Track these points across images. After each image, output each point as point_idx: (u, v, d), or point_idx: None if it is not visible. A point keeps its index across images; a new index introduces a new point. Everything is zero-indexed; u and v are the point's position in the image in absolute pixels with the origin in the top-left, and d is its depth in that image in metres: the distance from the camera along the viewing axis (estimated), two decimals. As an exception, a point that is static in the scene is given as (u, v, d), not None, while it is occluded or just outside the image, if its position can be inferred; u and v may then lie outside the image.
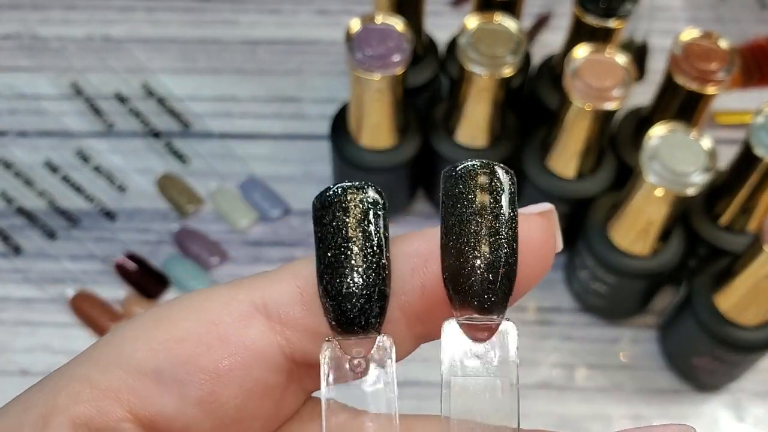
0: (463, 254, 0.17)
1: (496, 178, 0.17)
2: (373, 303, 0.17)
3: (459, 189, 0.17)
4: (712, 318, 0.41)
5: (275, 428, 0.19)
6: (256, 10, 0.62)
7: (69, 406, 0.17)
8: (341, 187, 0.17)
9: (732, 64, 0.42)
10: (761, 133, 0.40)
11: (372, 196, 0.17)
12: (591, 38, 0.44)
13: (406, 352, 0.19)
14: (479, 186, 0.17)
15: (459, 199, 0.17)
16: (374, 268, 0.17)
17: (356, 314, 0.17)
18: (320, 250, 0.17)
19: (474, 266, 0.17)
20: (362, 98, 0.44)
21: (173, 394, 0.17)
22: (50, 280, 0.50)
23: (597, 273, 0.45)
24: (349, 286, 0.17)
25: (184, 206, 0.52)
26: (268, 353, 0.18)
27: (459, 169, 0.17)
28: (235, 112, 0.57)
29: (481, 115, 0.45)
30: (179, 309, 0.18)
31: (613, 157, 0.47)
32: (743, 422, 0.46)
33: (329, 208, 0.17)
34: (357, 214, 0.17)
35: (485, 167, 0.17)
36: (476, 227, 0.17)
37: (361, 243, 0.17)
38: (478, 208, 0.17)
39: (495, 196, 0.17)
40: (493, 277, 0.17)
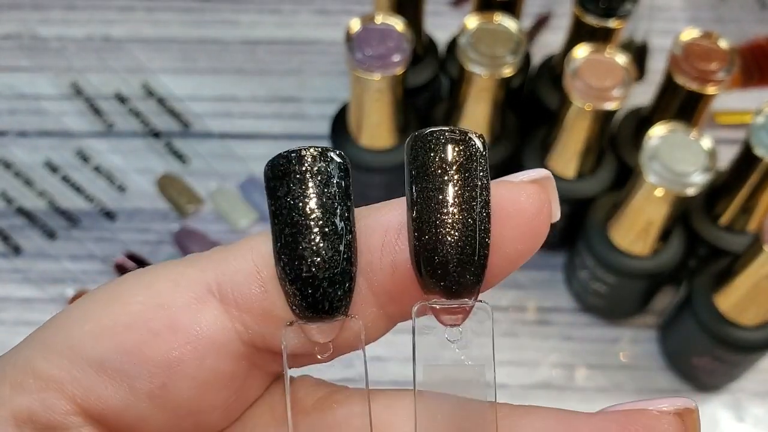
0: (431, 232, 0.15)
1: (468, 144, 0.15)
2: (338, 284, 0.15)
3: (425, 157, 0.15)
4: (712, 318, 0.41)
5: (239, 414, 0.18)
6: (256, 10, 0.62)
7: (11, 398, 0.16)
8: (297, 154, 0.15)
9: (732, 64, 0.42)
10: (761, 133, 0.40)
11: (333, 162, 0.15)
12: (591, 38, 0.44)
13: (380, 333, 0.17)
14: (448, 154, 0.15)
15: (425, 169, 0.15)
16: (337, 246, 0.15)
17: (320, 298, 0.15)
18: (275, 226, 0.15)
19: (443, 245, 0.15)
20: (362, 98, 0.44)
21: (121, 387, 0.16)
22: (50, 280, 0.50)
23: (597, 273, 0.45)
24: (310, 267, 0.15)
25: (184, 206, 0.52)
26: (223, 341, 0.16)
27: (426, 134, 0.15)
28: (235, 112, 0.57)
29: (481, 115, 0.45)
30: (129, 288, 0.16)
31: (613, 157, 0.47)
32: (743, 422, 0.46)
33: (283, 179, 0.15)
34: (316, 183, 0.15)
35: (454, 133, 0.15)
36: (444, 201, 0.15)
37: (321, 218, 0.15)
38: (447, 180, 0.15)
39: (466, 165, 0.15)
40: (463, 257, 0.15)
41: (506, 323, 0.49)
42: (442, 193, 0.15)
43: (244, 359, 0.16)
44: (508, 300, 0.50)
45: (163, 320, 0.16)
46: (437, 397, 0.16)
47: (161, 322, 0.16)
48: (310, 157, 0.15)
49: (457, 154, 0.15)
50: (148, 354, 0.16)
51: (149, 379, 0.16)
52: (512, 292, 0.50)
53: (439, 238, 0.15)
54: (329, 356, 0.16)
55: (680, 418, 0.16)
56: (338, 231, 0.15)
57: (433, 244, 0.15)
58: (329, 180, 0.15)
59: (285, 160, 0.15)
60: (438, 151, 0.15)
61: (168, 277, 0.16)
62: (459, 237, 0.15)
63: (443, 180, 0.15)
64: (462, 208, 0.15)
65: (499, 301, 0.50)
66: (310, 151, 0.15)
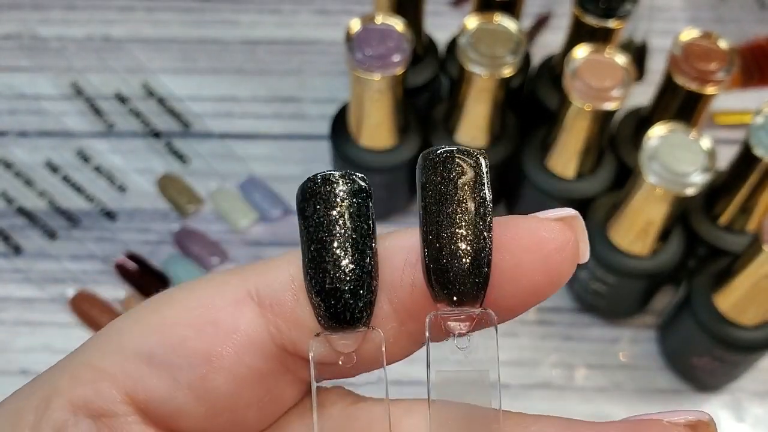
0: (434, 246, 0.16)
1: (474, 164, 0.17)
2: (359, 297, 0.16)
3: (434, 177, 0.17)
4: (712, 318, 0.42)
5: (274, 418, 0.19)
6: (256, 10, 0.62)
7: (70, 388, 0.17)
8: (323, 177, 0.16)
9: (731, 65, 0.42)
10: (761, 133, 0.40)
11: (357, 185, 0.17)
12: (591, 38, 0.44)
13: (403, 351, 0.18)
14: (456, 173, 0.17)
15: (434, 187, 0.16)
16: (359, 261, 0.16)
17: (341, 309, 0.16)
18: (304, 244, 0.17)
19: (445, 257, 0.16)
20: (362, 98, 0.44)
21: (165, 377, 0.17)
22: (50, 280, 0.50)
23: (597, 273, 0.45)
24: (333, 281, 0.16)
25: (184, 206, 0.52)
26: (258, 340, 0.17)
27: (434, 153, 0.17)
28: (235, 112, 0.57)
29: (481, 115, 0.45)
30: (175, 295, 0.18)
31: (612, 157, 0.47)
32: (743, 422, 0.46)
33: (311, 200, 0.16)
34: (340, 205, 0.16)
35: (462, 153, 0.17)
36: (445, 216, 0.16)
37: (344, 235, 0.16)
38: (453, 197, 0.16)
39: (471, 183, 0.17)
40: (468, 268, 0.16)
41: (506, 323, 0.49)
42: (443, 208, 0.16)
43: (277, 360, 0.18)
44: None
45: (205, 318, 0.17)
46: (449, 404, 0.17)
47: (204, 320, 0.17)
48: (335, 179, 0.16)
49: (459, 173, 0.17)
50: (190, 347, 0.17)
51: (191, 369, 0.17)
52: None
53: (441, 250, 0.16)
54: (353, 367, 0.18)
55: (693, 430, 0.17)
56: (359, 247, 0.16)
57: (436, 256, 0.16)
58: (352, 201, 0.16)
59: (312, 183, 0.16)
60: (439, 169, 0.17)
61: (212, 283, 0.18)
62: (459, 248, 0.16)
63: (446, 197, 0.16)
64: (464, 222, 0.16)
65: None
66: (336, 175, 0.16)
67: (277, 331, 0.17)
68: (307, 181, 0.17)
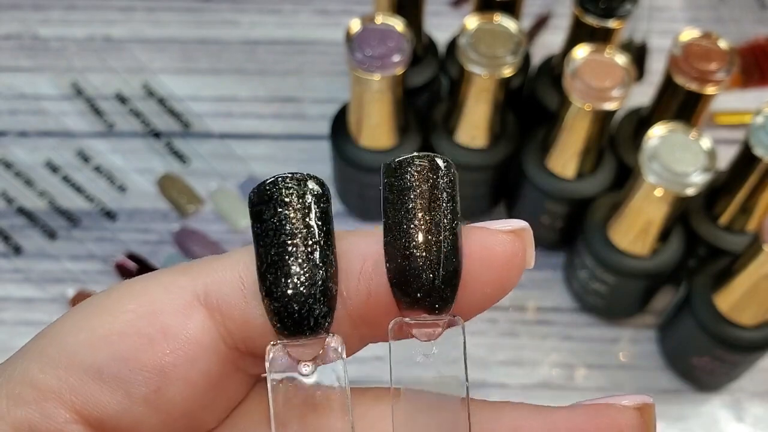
0: (404, 255, 0.16)
1: (436, 170, 0.16)
2: (322, 303, 0.16)
3: (397, 184, 0.16)
4: (712, 318, 0.42)
5: (225, 414, 0.18)
6: (256, 10, 0.62)
7: (10, 410, 0.16)
8: (280, 178, 0.16)
9: (731, 65, 0.42)
10: (761, 133, 0.40)
11: (314, 187, 0.16)
12: (591, 38, 0.44)
13: (352, 352, 0.18)
14: (418, 180, 0.16)
15: (398, 195, 0.16)
16: (320, 266, 0.16)
17: (304, 315, 0.16)
18: (261, 248, 0.16)
19: (416, 267, 0.16)
20: (362, 98, 0.44)
21: (117, 394, 0.16)
22: (51, 280, 0.50)
23: (596, 273, 0.45)
24: (296, 286, 0.15)
25: (184, 206, 0.52)
26: (210, 345, 0.17)
27: (397, 161, 0.16)
28: (236, 112, 0.57)
29: (480, 116, 0.45)
30: (120, 297, 0.17)
31: (612, 157, 0.47)
32: (743, 422, 0.46)
33: (269, 203, 0.16)
34: (299, 207, 0.16)
35: (424, 159, 0.16)
36: (416, 225, 0.16)
37: (305, 239, 0.16)
38: (418, 204, 0.16)
39: (434, 190, 0.16)
40: (434, 275, 0.16)
41: (506, 323, 0.49)
42: (409, 217, 0.16)
43: (228, 362, 0.17)
44: (508, 300, 0.50)
45: (155, 326, 0.16)
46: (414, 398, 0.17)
47: (153, 329, 0.16)
48: (292, 182, 0.16)
49: (423, 179, 0.16)
50: (143, 360, 0.16)
51: (145, 384, 0.16)
52: (512, 292, 0.50)
53: (409, 261, 0.16)
54: (310, 373, 0.17)
55: (639, 412, 0.17)
56: (321, 252, 0.16)
57: (403, 267, 0.16)
58: (311, 204, 0.16)
59: (270, 185, 0.16)
60: (405, 178, 0.16)
61: (158, 284, 0.17)
62: (426, 258, 0.16)
63: (410, 205, 0.16)
64: (429, 231, 0.16)
65: (498, 301, 0.50)
66: (294, 177, 0.16)
67: (228, 332, 0.17)
68: (263, 183, 0.16)
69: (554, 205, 0.47)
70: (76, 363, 0.16)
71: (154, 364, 0.16)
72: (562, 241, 0.50)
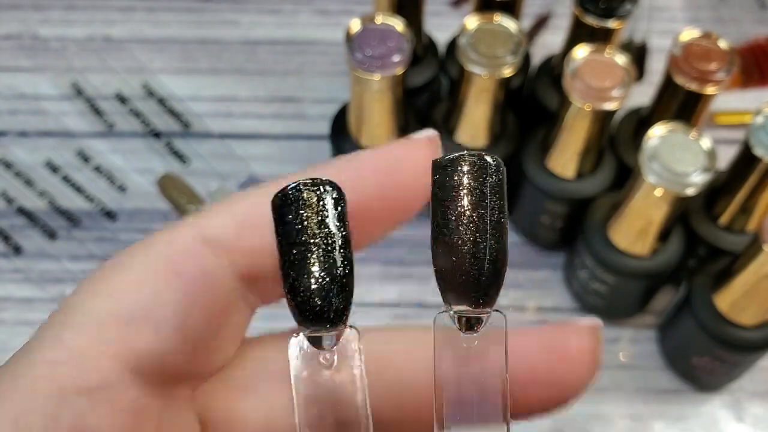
0: (452, 251, 0.17)
1: (485, 167, 0.17)
2: (340, 297, 0.17)
3: (446, 181, 0.17)
4: (712, 318, 0.42)
5: (232, 351, 0.20)
6: (256, 10, 0.62)
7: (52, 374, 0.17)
8: (302, 184, 0.17)
9: (731, 65, 0.42)
10: (761, 133, 0.40)
11: (332, 191, 0.17)
12: (591, 38, 0.44)
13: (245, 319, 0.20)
14: (467, 177, 0.17)
15: (447, 193, 0.17)
16: (339, 264, 0.17)
17: (325, 309, 0.17)
18: (284, 247, 0.17)
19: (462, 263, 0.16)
20: (362, 98, 0.44)
21: (147, 332, 0.18)
22: (51, 280, 0.50)
23: (596, 273, 0.45)
24: (317, 281, 0.17)
25: (184, 206, 0.52)
26: (218, 276, 0.19)
27: (447, 159, 0.17)
28: (236, 112, 0.57)
29: (480, 116, 0.45)
30: (127, 258, 0.19)
31: (612, 157, 0.47)
32: (742, 422, 0.46)
33: (291, 205, 0.17)
34: (319, 210, 0.17)
35: (474, 156, 0.17)
36: (464, 223, 0.17)
37: (325, 239, 0.17)
38: (466, 202, 0.17)
39: (482, 188, 0.17)
40: (480, 272, 0.17)
41: (506, 323, 0.49)
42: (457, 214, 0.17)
43: (234, 290, 0.19)
44: (508, 300, 0.50)
45: (167, 269, 0.18)
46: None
47: (166, 272, 0.18)
48: (313, 187, 0.17)
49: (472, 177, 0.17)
50: (165, 298, 0.18)
51: (171, 318, 0.18)
52: (512, 292, 0.50)
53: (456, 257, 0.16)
54: (331, 364, 0.18)
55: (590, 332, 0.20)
56: (339, 251, 0.17)
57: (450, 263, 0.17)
58: (330, 207, 0.17)
59: (293, 190, 0.17)
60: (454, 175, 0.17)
61: (160, 240, 0.19)
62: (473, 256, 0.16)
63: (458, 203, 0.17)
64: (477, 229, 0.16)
65: (499, 301, 0.50)
66: (314, 183, 0.17)
67: (230, 263, 0.19)
68: (286, 188, 0.17)
69: (554, 205, 0.47)
70: (103, 314, 0.18)
71: (175, 299, 0.18)
72: (562, 241, 0.50)
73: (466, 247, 0.16)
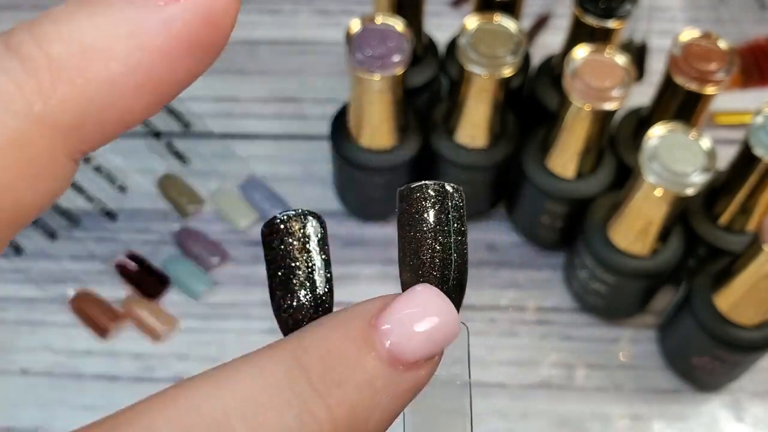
0: (417, 273, 0.19)
1: (445, 195, 0.19)
2: (320, 313, 0.19)
3: (410, 208, 0.19)
4: (712, 318, 0.42)
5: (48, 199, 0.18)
6: (256, 10, 0.62)
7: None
8: (286, 215, 0.19)
9: (731, 65, 0.42)
10: (760, 134, 0.40)
11: (313, 221, 0.19)
12: (590, 39, 0.44)
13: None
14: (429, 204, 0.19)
15: (410, 219, 0.19)
16: (318, 285, 0.19)
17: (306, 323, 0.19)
18: (271, 270, 0.19)
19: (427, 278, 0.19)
20: (362, 98, 0.44)
21: None
22: (51, 280, 0.50)
23: (596, 273, 0.45)
24: (299, 299, 0.19)
25: (184, 206, 0.52)
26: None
27: (409, 188, 0.19)
28: (236, 113, 0.57)
29: (480, 115, 0.45)
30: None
31: (612, 157, 0.47)
32: (742, 422, 0.46)
33: (277, 234, 0.19)
34: (301, 237, 0.19)
35: (435, 185, 0.19)
36: (428, 246, 0.19)
37: (306, 263, 0.19)
38: (429, 227, 0.19)
39: (443, 214, 0.19)
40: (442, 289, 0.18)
41: (506, 323, 0.49)
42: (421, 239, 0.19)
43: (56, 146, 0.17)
44: (508, 300, 0.50)
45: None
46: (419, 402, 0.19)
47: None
48: (296, 217, 0.19)
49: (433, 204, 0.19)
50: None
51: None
52: (512, 292, 0.50)
53: (421, 278, 0.19)
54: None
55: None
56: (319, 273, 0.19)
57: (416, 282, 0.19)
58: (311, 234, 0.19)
59: (278, 221, 0.19)
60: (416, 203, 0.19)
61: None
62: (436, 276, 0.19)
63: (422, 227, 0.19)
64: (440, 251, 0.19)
65: (498, 301, 0.50)
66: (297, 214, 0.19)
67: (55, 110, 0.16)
68: (272, 219, 0.19)
69: (554, 205, 0.47)
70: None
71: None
72: (562, 241, 0.50)
73: (434, 272, 0.19)
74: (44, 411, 0.46)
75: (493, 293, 0.50)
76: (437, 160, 0.48)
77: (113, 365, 0.47)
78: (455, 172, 0.48)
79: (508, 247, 0.52)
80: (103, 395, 0.46)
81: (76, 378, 0.47)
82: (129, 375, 0.47)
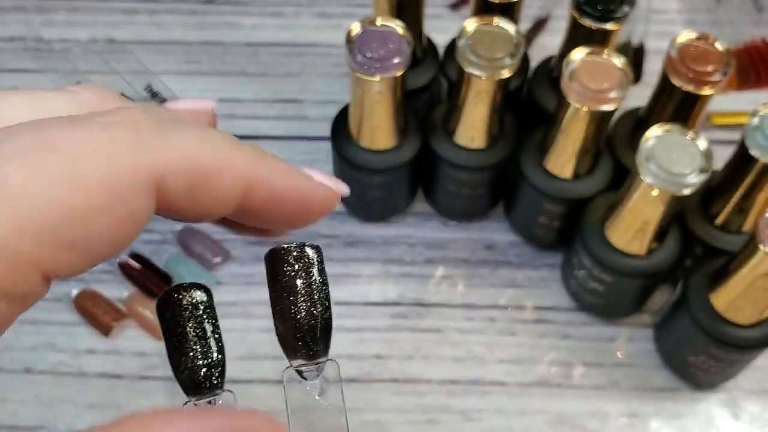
0: (287, 326, 0.21)
1: (305, 256, 0.21)
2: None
3: (275, 270, 0.21)
4: (708, 317, 0.42)
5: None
6: (258, 13, 0.62)
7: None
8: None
9: (728, 66, 0.43)
10: (756, 134, 0.40)
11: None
12: (588, 40, 0.45)
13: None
14: (292, 265, 0.21)
15: (278, 276, 0.21)
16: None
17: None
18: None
19: (298, 332, 0.21)
20: (363, 100, 0.44)
21: (83, 257, 0.20)
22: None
23: (594, 272, 0.45)
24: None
25: (186, 206, 0.53)
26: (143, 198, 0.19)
27: (272, 251, 0.21)
28: (238, 114, 0.57)
29: (479, 117, 0.45)
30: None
31: (609, 158, 0.47)
32: (739, 420, 0.47)
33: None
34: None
35: (295, 248, 0.21)
36: (296, 301, 0.21)
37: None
38: (294, 282, 0.21)
39: (307, 269, 0.21)
40: (311, 337, 0.21)
41: (504, 322, 0.50)
42: (289, 296, 0.21)
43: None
44: (506, 299, 0.51)
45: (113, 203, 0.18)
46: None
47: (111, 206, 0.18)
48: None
49: (296, 262, 0.21)
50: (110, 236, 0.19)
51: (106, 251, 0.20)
52: (510, 291, 0.51)
53: (292, 330, 0.21)
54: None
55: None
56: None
57: (288, 334, 0.21)
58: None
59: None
60: (280, 266, 0.21)
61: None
62: (303, 328, 0.21)
63: (288, 283, 0.21)
64: (306, 306, 0.21)
65: (497, 300, 0.50)
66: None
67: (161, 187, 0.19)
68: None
69: (552, 206, 0.47)
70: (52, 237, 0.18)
71: (117, 239, 0.19)
72: (559, 241, 0.50)
73: (301, 321, 0.21)
74: (47, 409, 0.46)
75: (491, 292, 0.51)
76: (436, 160, 0.48)
77: (116, 364, 0.48)
78: (454, 172, 0.48)
79: (507, 247, 0.53)
80: (107, 394, 0.47)
81: (79, 376, 0.47)
82: (132, 373, 0.48)
